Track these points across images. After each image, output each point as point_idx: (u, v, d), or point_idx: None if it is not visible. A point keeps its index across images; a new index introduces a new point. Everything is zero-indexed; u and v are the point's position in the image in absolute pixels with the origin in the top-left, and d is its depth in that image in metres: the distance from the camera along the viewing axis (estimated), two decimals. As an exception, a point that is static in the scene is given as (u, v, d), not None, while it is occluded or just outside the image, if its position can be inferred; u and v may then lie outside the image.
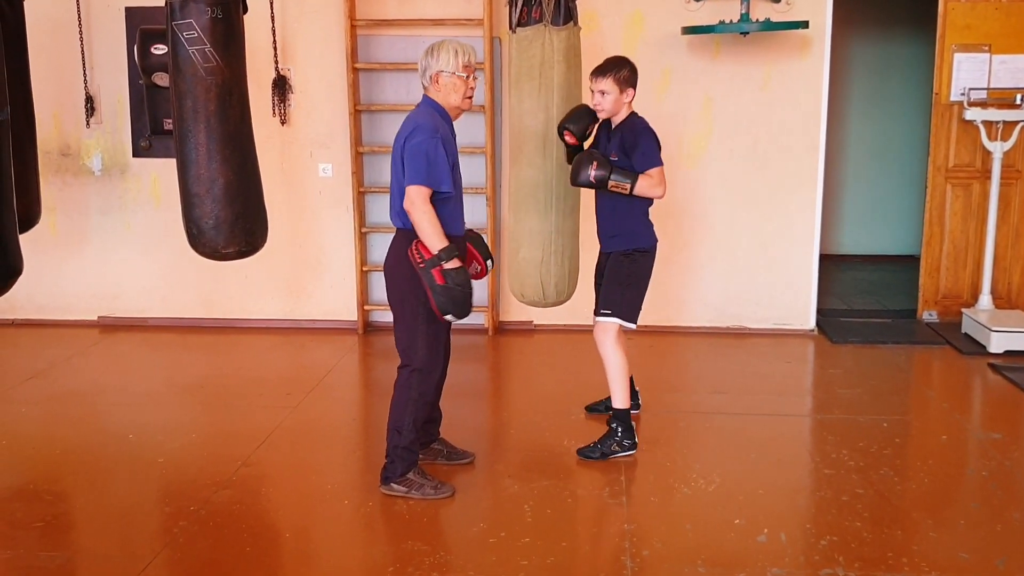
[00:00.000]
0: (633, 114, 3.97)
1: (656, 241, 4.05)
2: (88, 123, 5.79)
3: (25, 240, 4.00)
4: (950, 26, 5.78)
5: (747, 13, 5.24)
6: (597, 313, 4.03)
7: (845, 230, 8.20)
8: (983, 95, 5.70)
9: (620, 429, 3.96)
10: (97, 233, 5.99)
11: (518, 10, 4.56)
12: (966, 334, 5.63)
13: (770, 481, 3.72)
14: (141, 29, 5.32)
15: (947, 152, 5.91)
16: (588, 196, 4.16)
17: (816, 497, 3.60)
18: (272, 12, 5.35)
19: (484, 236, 5.57)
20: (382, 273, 5.73)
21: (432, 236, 3.32)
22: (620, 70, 3.89)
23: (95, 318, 6.10)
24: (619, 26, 5.59)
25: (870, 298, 6.76)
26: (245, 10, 3.98)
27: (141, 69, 5.37)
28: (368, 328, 5.87)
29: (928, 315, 6.03)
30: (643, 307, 4.06)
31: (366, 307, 5.82)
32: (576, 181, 3.88)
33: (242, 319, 5.98)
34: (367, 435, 4.38)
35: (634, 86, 3.94)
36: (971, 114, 5.66)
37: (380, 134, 5.73)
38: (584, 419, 4.40)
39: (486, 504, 3.54)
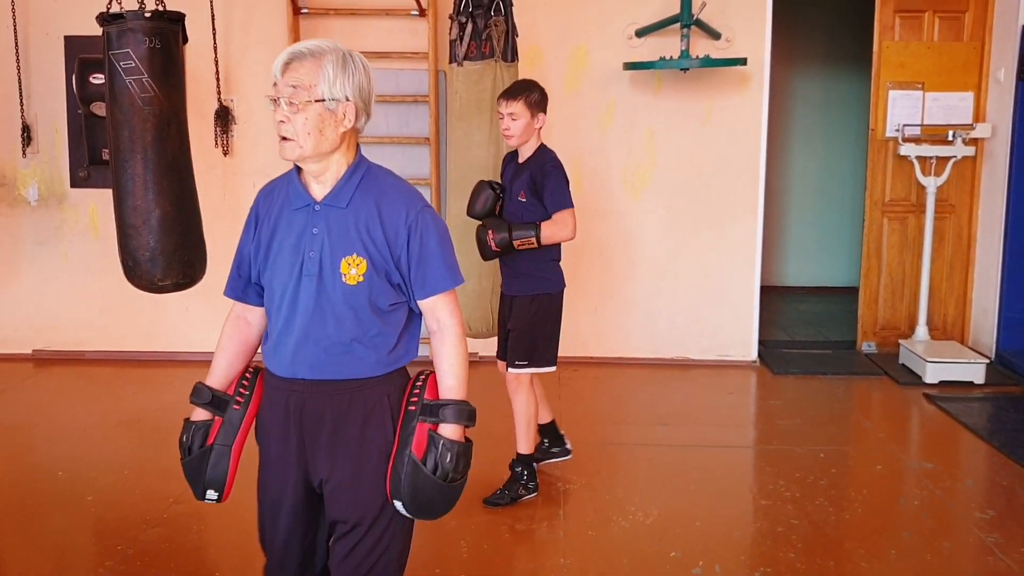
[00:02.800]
0: (542, 147, 3.73)
1: (563, 286, 3.80)
2: (24, 152, 5.68)
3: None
4: (885, 64, 5.94)
5: (687, 50, 5.33)
6: (511, 364, 3.78)
7: (789, 262, 8.33)
8: (917, 131, 5.85)
9: (525, 473, 3.83)
10: (33, 264, 5.87)
11: (465, 44, 4.63)
12: (903, 365, 5.73)
13: (707, 513, 3.74)
14: (80, 58, 5.26)
15: (883, 187, 6.05)
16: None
17: (752, 528, 3.62)
18: (215, 42, 5.32)
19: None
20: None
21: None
22: (531, 93, 3.64)
23: (30, 351, 5.95)
24: (563, 61, 5.66)
25: (812, 329, 6.86)
26: (185, 40, 3.96)
27: (80, 98, 5.31)
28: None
29: (867, 346, 6.14)
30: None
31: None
32: (485, 257, 3.73)
33: (183, 351, 5.87)
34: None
35: (544, 111, 3.70)
36: (905, 150, 5.80)
37: (324, 165, 5.70)
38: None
39: (423, 540, 3.47)
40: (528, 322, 3.74)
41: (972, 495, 3.96)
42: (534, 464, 3.89)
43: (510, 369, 3.81)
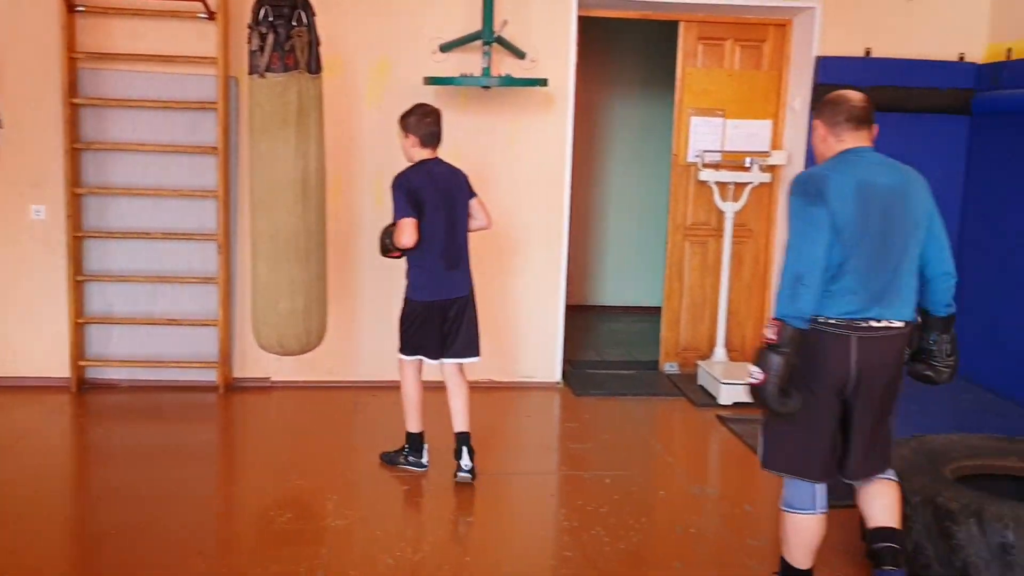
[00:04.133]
0: (409, 167, 4.14)
1: (420, 299, 4.13)
2: None
3: None
4: (687, 90, 6.03)
5: (488, 67, 5.24)
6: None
7: (608, 282, 8.39)
8: (717, 157, 5.96)
9: (406, 447, 4.30)
10: None
11: (267, 55, 4.38)
12: (701, 386, 5.80)
13: (480, 547, 3.60)
14: None
15: (685, 210, 6.14)
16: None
17: (522, 563, 3.50)
18: (-23, 38, 4.86)
19: (216, 288, 5.31)
20: (101, 325, 5.32)
21: None
22: (403, 117, 4.15)
23: None
24: (365, 73, 5.46)
25: (622, 349, 6.90)
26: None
27: None
28: (84, 386, 5.35)
29: (669, 367, 6.19)
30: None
31: (81, 363, 5.31)
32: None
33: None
34: (55, 510, 3.91)
35: (414, 133, 4.11)
36: (705, 175, 5.89)
37: (102, 174, 5.29)
38: (297, 485, 4.12)
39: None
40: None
41: (748, 522, 3.95)
42: (419, 443, 4.29)
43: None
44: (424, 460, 4.28)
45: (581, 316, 7.80)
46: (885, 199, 2.81)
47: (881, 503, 3.01)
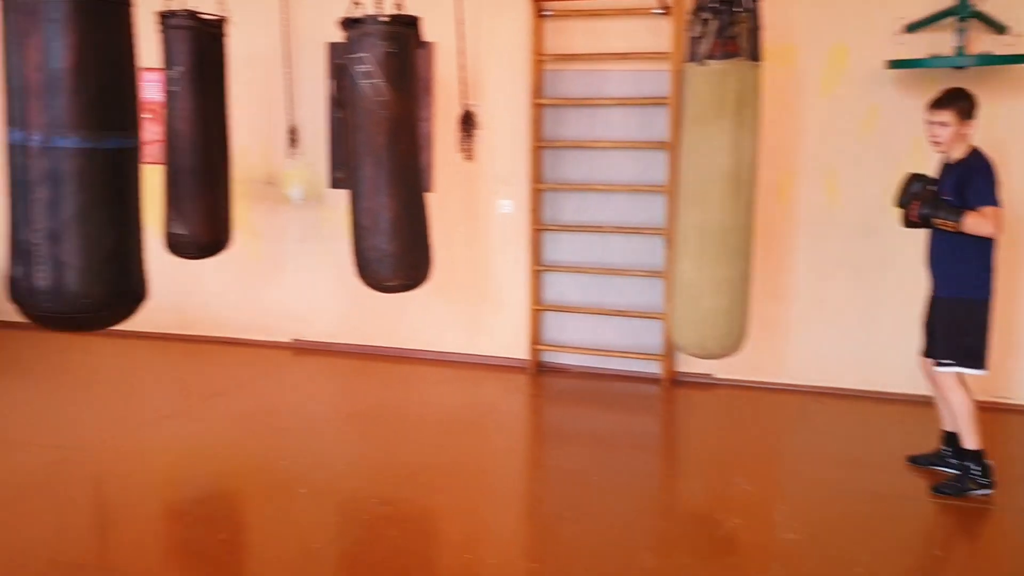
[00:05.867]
0: (974, 151, 3.88)
1: (988, 294, 3.88)
2: (289, 154, 6.06)
3: (229, 263, 5.18)
4: None
5: (963, 46, 4.67)
6: (936, 361, 3.97)
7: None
8: None
9: (976, 469, 3.91)
10: (295, 259, 6.27)
11: (707, 41, 4.34)
12: None
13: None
14: (336, 63, 5.53)
15: None
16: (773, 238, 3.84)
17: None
18: (460, 46, 5.37)
19: (661, 282, 5.38)
20: (556, 313, 5.65)
21: None
22: (960, 101, 3.84)
23: (290, 340, 6.37)
24: (819, 60, 5.17)
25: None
26: (419, 44, 4.00)
27: (336, 102, 5.59)
28: (540, 368, 5.75)
29: None
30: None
31: (537, 346, 5.70)
32: (904, 224, 4.00)
33: (421, 350, 6.04)
34: (519, 480, 4.22)
35: (973, 117, 3.86)
36: None
37: (560, 171, 5.62)
38: (744, 490, 4.01)
39: None
40: (953, 323, 3.92)
41: None
42: (986, 460, 3.92)
43: (936, 367, 3.97)
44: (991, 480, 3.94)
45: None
46: None
47: None
